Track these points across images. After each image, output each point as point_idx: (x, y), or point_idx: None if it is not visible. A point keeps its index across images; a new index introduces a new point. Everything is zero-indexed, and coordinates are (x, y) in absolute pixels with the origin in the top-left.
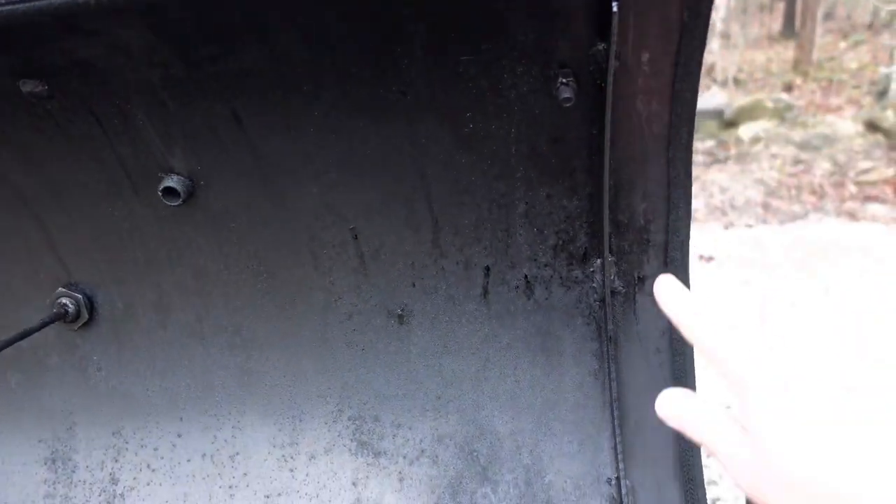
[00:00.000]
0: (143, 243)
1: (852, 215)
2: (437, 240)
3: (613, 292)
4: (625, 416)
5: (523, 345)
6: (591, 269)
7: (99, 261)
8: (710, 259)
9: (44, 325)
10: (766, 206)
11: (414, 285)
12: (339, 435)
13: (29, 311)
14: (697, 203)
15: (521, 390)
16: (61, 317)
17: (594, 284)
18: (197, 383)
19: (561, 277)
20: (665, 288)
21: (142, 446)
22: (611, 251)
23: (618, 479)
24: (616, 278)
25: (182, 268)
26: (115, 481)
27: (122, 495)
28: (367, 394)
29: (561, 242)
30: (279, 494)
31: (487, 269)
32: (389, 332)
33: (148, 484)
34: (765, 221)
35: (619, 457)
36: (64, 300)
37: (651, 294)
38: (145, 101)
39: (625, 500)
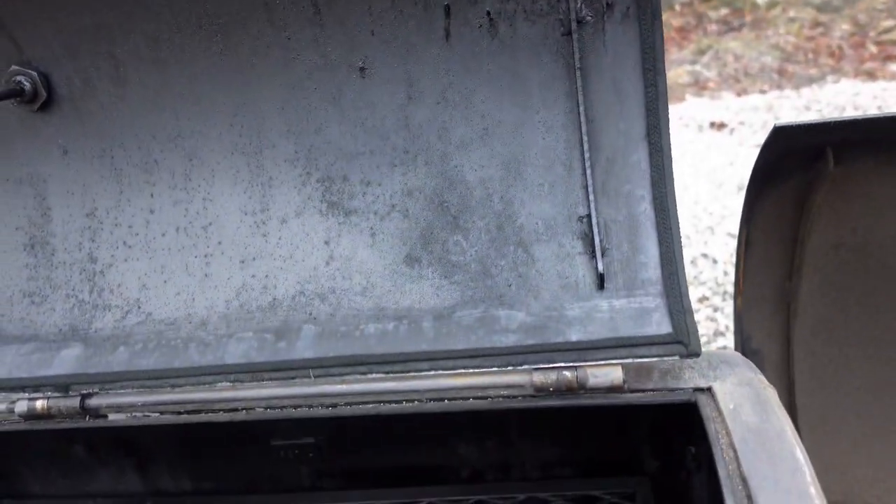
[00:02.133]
0: (91, 10)
1: (871, 75)
2: None
3: (580, 22)
4: (596, 154)
5: (489, 88)
6: None
7: (49, 34)
8: (721, 126)
9: None
10: (781, 72)
11: (373, 34)
12: (308, 197)
13: None
14: (710, 73)
15: (489, 137)
16: (18, 94)
17: (560, 16)
18: (164, 156)
19: (525, 11)
20: None
21: (116, 225)
22: None
23: (588, 216)
24: (583, 6)
25: (135, 34)
26: (93, 260)
27: (101, 272)
28: (333, 154)
29: None
30: (254, 259)
31: (448, 8)
32: (352, 86)
33: (125, 260)
34: (780, 87)
35: (591, 193)
36: (19, 78)
37: (621, 22)
38: None
39: (596, 234)
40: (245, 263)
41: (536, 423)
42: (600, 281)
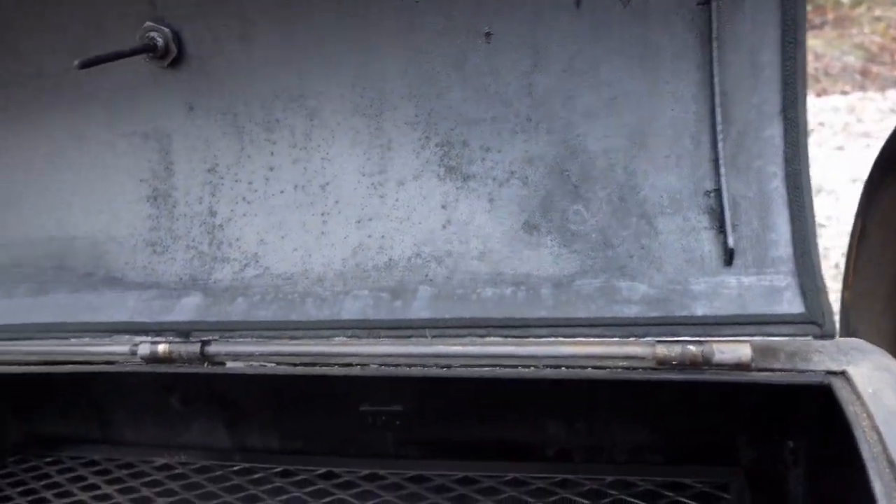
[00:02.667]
0: None
1: None
2: None
3: None
4: (727, 127)
5: (619, 58)
6: None
7: None
8: None
9: (134, 52)
10: (865, 73)
11: None
12: (427, 161)
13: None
14: None
15: (615, 106)
16: (151, 49)
17: None
18: (286, 115)
19: None
20: None
21: (236, 181)
22: None
23: (717, 190)
24: None
25: None
26: (213, 214)
27: (220, 226)
28: (454, 119)
29: None
30: (370, 219)
31: None
32: (477, 52)
33: (244, 215)
34: (863, 88)
35: (721, 167)
36: (152, 34)
37: None
38: None
39: (725, 210)
40: (361, 223)
41: (634, 403)
42: (729, 257)
